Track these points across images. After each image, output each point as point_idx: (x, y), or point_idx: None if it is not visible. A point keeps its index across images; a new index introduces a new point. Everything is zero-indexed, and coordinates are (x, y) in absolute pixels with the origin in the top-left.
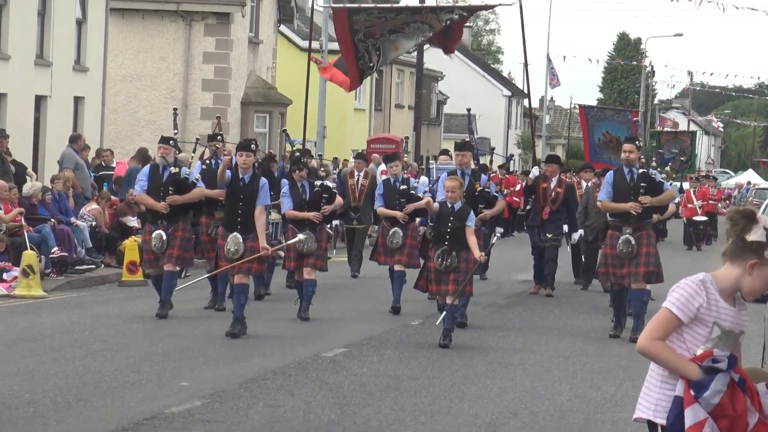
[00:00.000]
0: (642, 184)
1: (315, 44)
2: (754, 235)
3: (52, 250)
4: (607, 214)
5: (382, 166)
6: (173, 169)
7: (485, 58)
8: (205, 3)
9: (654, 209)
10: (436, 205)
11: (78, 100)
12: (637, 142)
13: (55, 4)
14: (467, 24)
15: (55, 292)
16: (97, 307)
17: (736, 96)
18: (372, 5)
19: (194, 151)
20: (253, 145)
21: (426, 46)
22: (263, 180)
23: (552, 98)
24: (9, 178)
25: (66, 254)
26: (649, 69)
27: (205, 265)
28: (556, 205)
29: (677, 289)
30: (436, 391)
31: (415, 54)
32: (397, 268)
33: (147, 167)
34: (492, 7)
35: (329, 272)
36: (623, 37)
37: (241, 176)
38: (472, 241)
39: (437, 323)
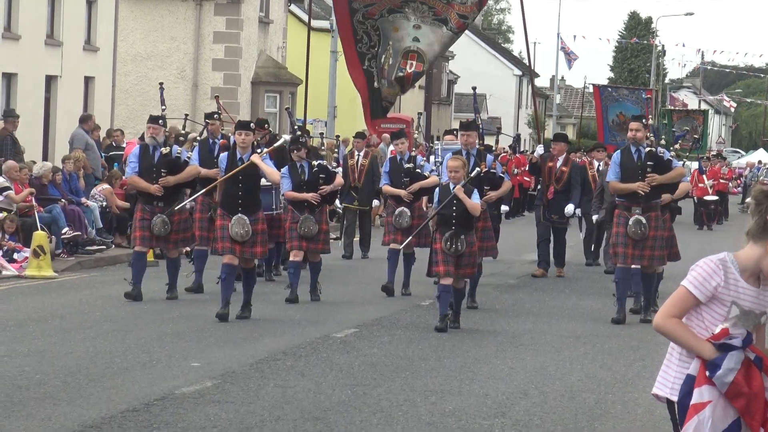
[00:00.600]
0: (649, 163)
1: (325, 23)
2: None
3: (63, 231)
4: (615, 195)
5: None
6: (164, 150)
7: (496, 38)
8: None
9: (663, 189)
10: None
11: (88, 80)
12: (644, 120)
13: None
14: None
15: (66, 273)
16: (107, 287)
17: (747, 75)
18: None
19: (183, 128)
20: (252, 124)
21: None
22: (264, 157)
23: (563, 78)
24: (20, 159)
25: (78, 233)
26: (660, 48)
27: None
28: (560, 185)
29: (696, 268)
30: (447, 372)
31: None
32: (406, 251)
33: (137, 148)
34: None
35: (338, 253)
36: (634, 16)
37: (239, 156)
38: (470, 202)
39: (401, 246)
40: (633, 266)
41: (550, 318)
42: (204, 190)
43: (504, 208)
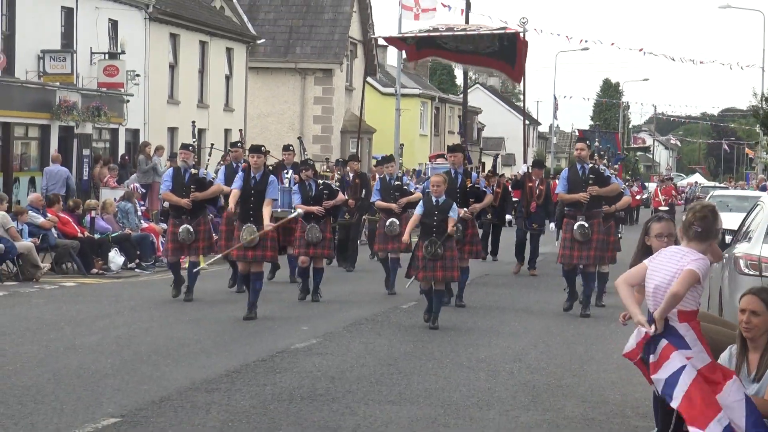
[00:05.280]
0: (591, 176)
1: (391, 90)
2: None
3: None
4: (564, 205)
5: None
6: (193, 171)
7: (510, 98)
8: (314, 62)
9: (602, 199)
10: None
11: (227, 132)
12: (587, 142)
13: (210, 64)
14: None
15: (213, 265)
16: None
17: (687, 122)
18: (413, 34)
19: (210, 154)
20: (263, 148)
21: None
22: (272, 177)
23: (558, 125)
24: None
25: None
26: (625, 104)
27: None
28: (541, 200)
29: (700, 260)
30: (480, 331)
31: (461, 96)
32: (392, 256)
33: (170, 170)
34: (509, 31)
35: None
36: (606, 81)
37: (253, 175)
38: (451, 225)
39: (407, 287)
40: (579, 265)
41: (551, 293)
42: (281, 222)
43: (508, 217)
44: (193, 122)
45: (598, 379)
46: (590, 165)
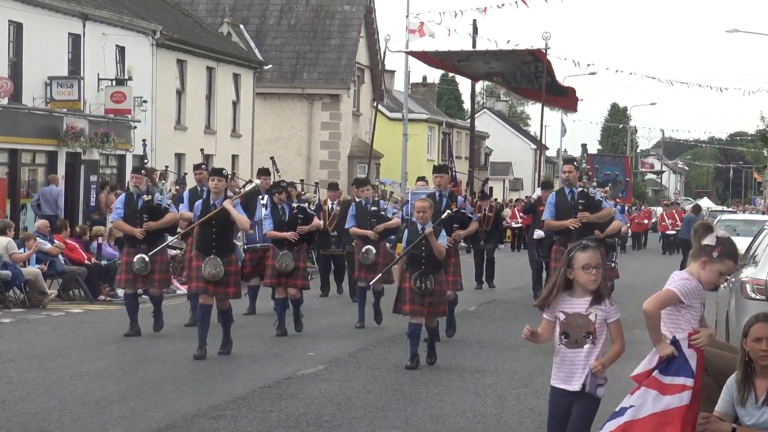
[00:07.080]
0: (581, 201)
1: (398, 115)
2: (707, 240)
3: None
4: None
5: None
6: (146, 197)
7: (518, 122)
8: (321, 88)
9: (594, 225)
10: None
11: (234, 158)
12: (575, 163)
13: (217, 90)
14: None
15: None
16: (246, 302)
17: (694, 145)
18: (436, 50)
19: (165, 178)
20: (225, 171)
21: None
22: (236, 202)
23: (566, 150)
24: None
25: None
26: (633, 128)
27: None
28: None
29: (683, 282)
30: (486, 356)
31: (468, 121)
32: (362, 285)
33: (122, 196)
34: (530, 51)
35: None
36: (614, 106)
37: (212, 201)
38: (437, 245)
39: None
40: None
41: None
42: (179, 234)
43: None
44: (144, 140)
45: (604, 403)
46: (579, 189)
